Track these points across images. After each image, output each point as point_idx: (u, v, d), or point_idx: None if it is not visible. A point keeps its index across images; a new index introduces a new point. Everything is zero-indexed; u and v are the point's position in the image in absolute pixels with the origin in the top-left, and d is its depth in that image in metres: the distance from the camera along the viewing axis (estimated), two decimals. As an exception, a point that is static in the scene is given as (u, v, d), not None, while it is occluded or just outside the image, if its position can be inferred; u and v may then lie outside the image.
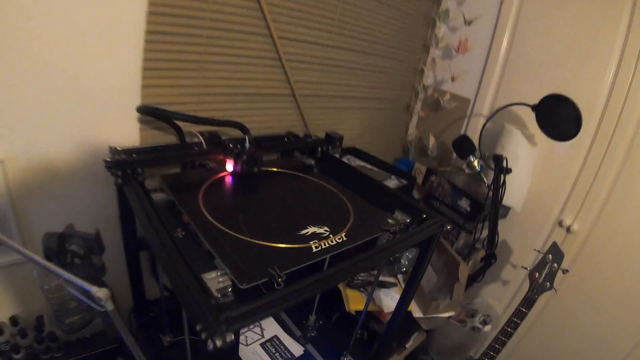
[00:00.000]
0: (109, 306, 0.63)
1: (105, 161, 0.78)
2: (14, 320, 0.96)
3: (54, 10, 0.73)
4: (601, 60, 1.29)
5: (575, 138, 1.17)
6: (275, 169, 1.04)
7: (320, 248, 0.68)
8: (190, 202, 0.77)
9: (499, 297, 1.65)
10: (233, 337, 0.44)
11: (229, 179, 0.95)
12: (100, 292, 0.61)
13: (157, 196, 0.82)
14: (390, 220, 0.84)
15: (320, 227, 0.74)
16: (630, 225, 1.33)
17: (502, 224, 1.57)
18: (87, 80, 0.83)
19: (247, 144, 0.99)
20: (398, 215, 0.88)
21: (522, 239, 1.53)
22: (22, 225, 0.86)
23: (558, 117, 1.16)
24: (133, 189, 0.76)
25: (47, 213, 0.89)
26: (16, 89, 0.75)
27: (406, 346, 1.35)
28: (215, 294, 0.53)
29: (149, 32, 0.86)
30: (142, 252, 1.04)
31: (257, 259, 0.62)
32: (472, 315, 1.65)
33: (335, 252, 0.69)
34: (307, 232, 0.72)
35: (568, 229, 1.46)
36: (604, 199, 1.38)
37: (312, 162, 1.15)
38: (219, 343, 0.43)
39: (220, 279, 0.57)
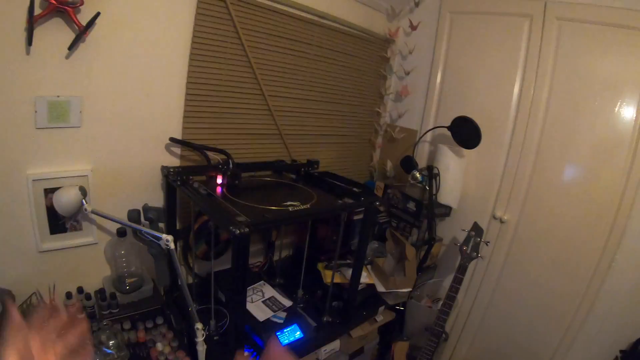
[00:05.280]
0: (172, 245, 1.08)
1: (169, 171, 1.27)
2: (79, 289, 1.25)
3: (130, 77, 1.25)
4: (508, 86, 1.78)
5: (493, 147, 1.73)
6: (268, 179, 1.54)
7: (293, 209, 1.15)
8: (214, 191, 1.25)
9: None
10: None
11: (219, 189, 1.33)
12: (167, 237, 1.07)
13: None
14: (340, 201, 1.31)
15: (294, 202, 1.21)
16: (545, 210, 1.75)
17: (448, 222, 2.01)
18: (149, 124, 1.35)
19: (231, 165, 1.36)
20: (346, 199, 1.35)
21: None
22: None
23: (466, 132, 1.67)
24: (186, 187, 1.24)
25: (114, 205, 1.31)
26: (105, 126, 1.24)
27: (376, 319, 1.71)
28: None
29: (187, 95, 1.40)
30: (178, 241, 1.49)
31: (258, 212, 1.09)
32: (437, 301, 2.02)
33: (302, 212, 1.16)
34: (286, 203, 1.19)
35: (501, 220, 1.90)
36: (525, 193, 1.82)
37: (294, 176, 1.64)
38: (237, 231, 0.89)
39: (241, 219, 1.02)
